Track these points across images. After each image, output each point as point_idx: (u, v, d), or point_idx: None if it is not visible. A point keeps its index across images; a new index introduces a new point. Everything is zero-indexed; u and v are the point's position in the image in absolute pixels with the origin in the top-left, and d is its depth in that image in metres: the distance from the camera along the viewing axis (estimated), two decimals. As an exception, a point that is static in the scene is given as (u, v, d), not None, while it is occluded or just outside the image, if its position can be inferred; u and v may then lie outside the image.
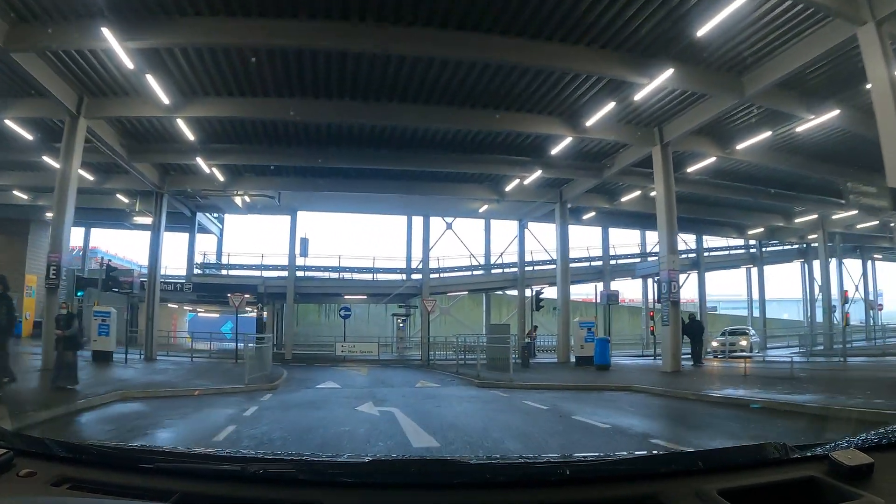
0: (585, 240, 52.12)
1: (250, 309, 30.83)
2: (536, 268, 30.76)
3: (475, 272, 30.00)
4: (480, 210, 25.37)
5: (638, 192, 23.08)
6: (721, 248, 35.40)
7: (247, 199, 23.39)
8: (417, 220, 27.97)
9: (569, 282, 23.51)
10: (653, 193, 21.84)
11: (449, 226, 29.93)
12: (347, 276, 28.35)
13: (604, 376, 15.02)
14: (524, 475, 1.29)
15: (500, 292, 33.48)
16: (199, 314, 41.76)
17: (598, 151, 18.92)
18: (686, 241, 34.77)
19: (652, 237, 34.32)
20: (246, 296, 24.86)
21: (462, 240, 30.28)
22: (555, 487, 1.23)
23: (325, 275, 28.04)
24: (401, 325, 28.48)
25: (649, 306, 33.99)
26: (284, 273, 25.81)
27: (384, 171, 20.23)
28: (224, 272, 28.69)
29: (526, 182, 20.36)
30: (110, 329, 16.43)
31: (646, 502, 1.17)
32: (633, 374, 15.52)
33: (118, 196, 23.39)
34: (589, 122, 15.07)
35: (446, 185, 22.06)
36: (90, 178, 19.44)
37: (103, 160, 17.92)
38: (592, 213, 27.50)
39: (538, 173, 19.17)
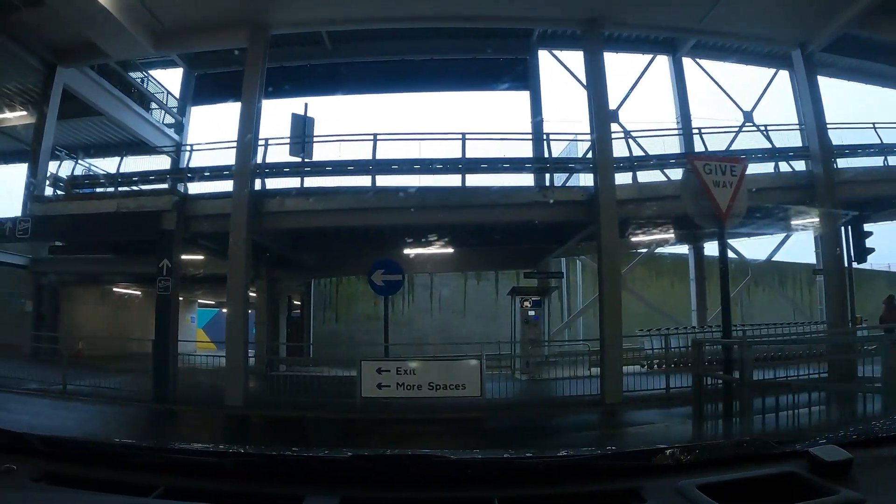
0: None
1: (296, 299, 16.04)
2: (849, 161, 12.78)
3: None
4: (704, 18, 8.04)
5: None
6: None
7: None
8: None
9: None
10: None
11: (613, 113, 12.56)
12: (392, 183, 10.57)
13: None
14: (507, 471, 1.24)
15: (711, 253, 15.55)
16: (207, 307, 25.87)
17: None
18: None
19: None
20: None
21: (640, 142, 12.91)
22: (538, 482, 1.18)
23: (338, 182, 10.54)
24: (530, 312, 12.18)
25: None
26: (230, 185, 9.92)
27: None
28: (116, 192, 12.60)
29: None
30: None
31: (627, 497, 1.13)
32: None
33: None
34: None
35: None
36: None
37: None
38: None
39: None
